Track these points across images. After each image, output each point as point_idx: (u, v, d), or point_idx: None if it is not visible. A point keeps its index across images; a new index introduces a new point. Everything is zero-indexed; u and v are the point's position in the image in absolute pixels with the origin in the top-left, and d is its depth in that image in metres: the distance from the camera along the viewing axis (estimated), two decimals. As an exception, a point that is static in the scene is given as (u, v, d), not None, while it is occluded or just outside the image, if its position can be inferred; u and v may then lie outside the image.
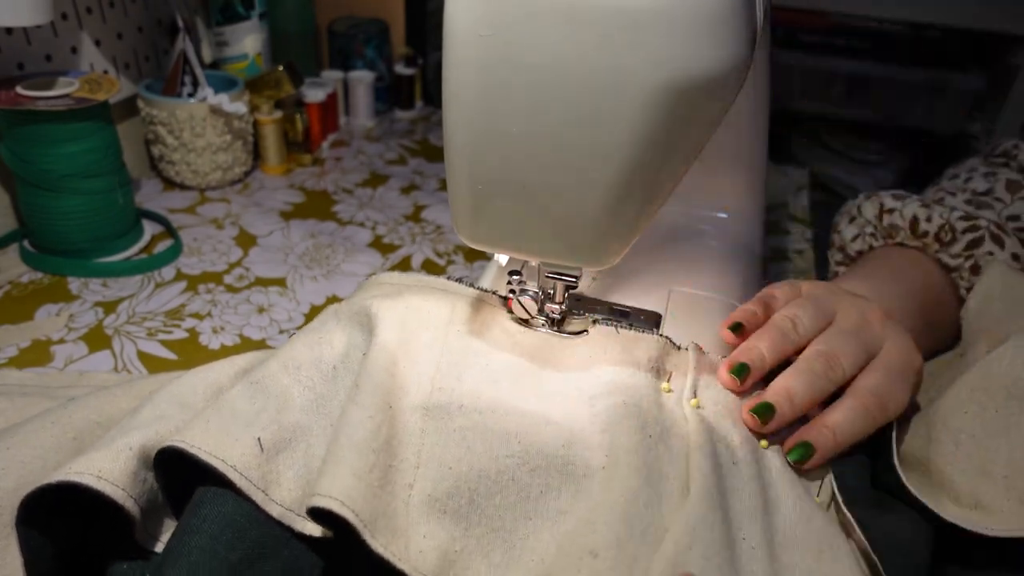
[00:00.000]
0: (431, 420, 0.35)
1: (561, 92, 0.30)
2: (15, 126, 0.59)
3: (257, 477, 0.33)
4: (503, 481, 0.33)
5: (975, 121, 1.49)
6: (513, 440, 0.34)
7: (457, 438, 0.34)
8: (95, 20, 0.73)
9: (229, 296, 0.62)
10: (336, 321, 0.41)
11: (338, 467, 0.31)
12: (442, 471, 0.33)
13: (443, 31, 0.30)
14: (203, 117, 0.74)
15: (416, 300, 0.41)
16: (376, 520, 0.30)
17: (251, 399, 0.36)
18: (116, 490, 0.32)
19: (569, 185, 0.33)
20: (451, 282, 0.43)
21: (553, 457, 0.34)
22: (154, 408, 0.37)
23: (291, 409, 0.36)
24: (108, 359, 0.54)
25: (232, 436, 0.34)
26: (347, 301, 0.43)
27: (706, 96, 0.30)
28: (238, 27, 0.86)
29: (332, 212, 0.78)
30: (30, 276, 0.63)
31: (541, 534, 0.33)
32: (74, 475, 0.31)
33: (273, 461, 0.34)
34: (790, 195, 0.88)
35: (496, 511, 0.33)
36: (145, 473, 0.34)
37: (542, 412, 0.36)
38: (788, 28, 1.47)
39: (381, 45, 1.01)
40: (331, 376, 0.38)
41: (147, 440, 0.34)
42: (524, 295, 0.41)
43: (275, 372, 0.38)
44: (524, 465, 0.34)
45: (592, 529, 0.31)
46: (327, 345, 0.39)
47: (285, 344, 0.40)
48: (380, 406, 0.34)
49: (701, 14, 0.27)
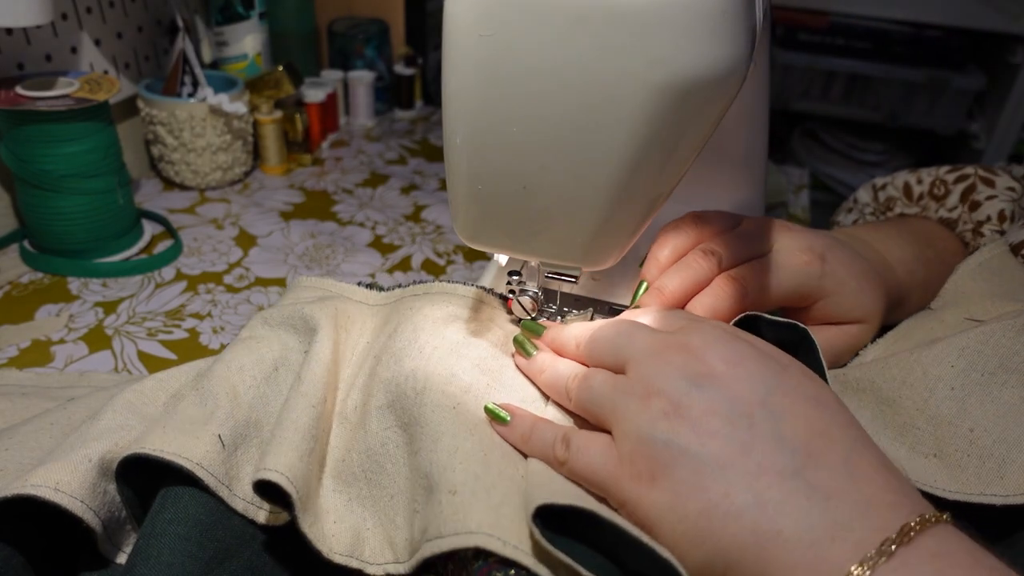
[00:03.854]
0: (343, 416, 0.38)
1: (561, 92, 0.30)
2: (15, 126, 0.59)
3: (222, 473, 0.34)
4: (388, 451, 0.36)
5: (975, 120, 1.49)
6: (390, 411, 0.37)
7: (357, 423, 0.37)
8: (95, 20, 0.73)
9: (229, 296, 0.62)
10: (269, 327, 0.43)
11: (282, 447, 0.33)
12: (344, 455, 0.36)
13: (443, 31, 0.30)
14: (203, 117, 0.74)
15: (343, 304, 0.44)
16: (307, 501, 0.33)
17: (202, 404, 0.37)
18: (75, 502, 0.32)
19: (569, 185, 0.33)
20: (359, 288, 0.47)
21: (412, 410, 0.36)
22: (113, 417, 0.37)
23: (241, 407, 0.38)
24: (108, 359, 0.54)
25: (192, 435, 0.34)
26: (276, 307, 0.44)
27: (706, 96, 0.30)
28: (238, 27, 0.86)
29: (332, 212, 0.78)
30: (30, 276, 0.63)
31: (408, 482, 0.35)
32: (30, 488, 0.31)
33: (233, 456, 0.35)
34: (790, 195, 0.88)
35: (390, 479, 0.35)
36: (105, 484, 0.34)
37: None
38: (788, 28, 1.47)
39: (381, 45, 1.01)
40: (272, 376, 0.40)
41: (106, 451, 0.34)
42: (523, 295, 0.41)
43: (221, 375, 0.39)
44: (398, 428, 0.36)
45: (452, 469, 0.32)
46: (266, 348, 0.41)
47: (225, 351, 0.41)
48: (320, 399, 0.36)
49: (701, 14, 0.27)
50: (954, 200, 0.51)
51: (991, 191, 0.51)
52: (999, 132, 1.41)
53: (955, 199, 0.51)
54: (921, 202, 0.52)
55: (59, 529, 0.34)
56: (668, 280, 0.39)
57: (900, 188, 0.53)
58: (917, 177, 0.53)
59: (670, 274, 0.39)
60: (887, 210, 0.54)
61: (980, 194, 0.51)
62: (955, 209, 0.51)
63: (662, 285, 0.39)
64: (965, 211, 0.51)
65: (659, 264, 0.41)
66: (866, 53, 1.46)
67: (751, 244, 0.41)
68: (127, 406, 0.38)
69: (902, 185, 0.54)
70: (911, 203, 0.53)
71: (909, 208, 0.53)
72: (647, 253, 0.43)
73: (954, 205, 0.51)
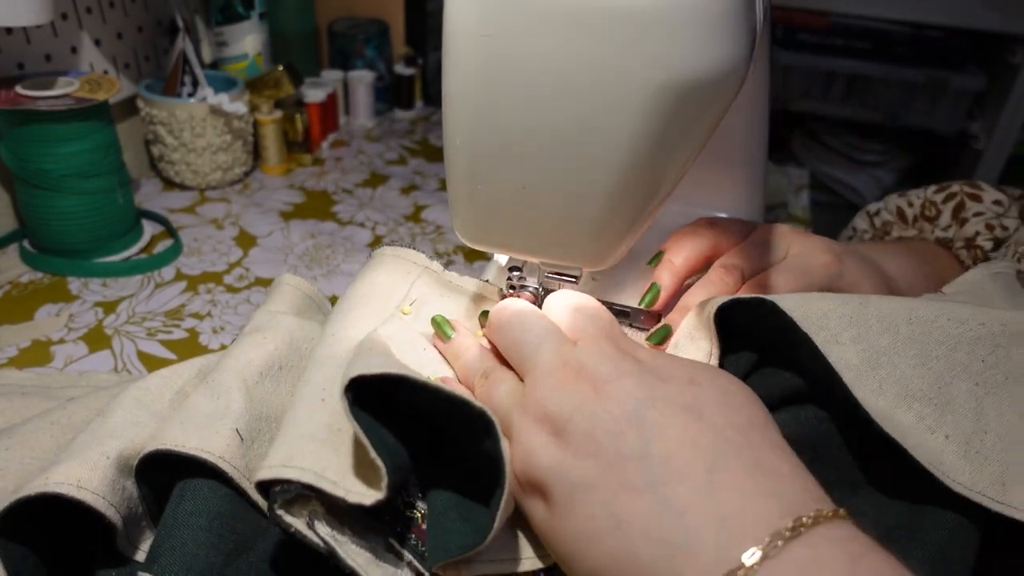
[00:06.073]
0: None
1: (561, 92, 0.30)
2: (15, 126, 0.59)
3: (243, 467, 0.34)
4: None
5: (975, 121, 1.49)
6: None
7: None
8: (95, 20, 0.73)
9: (229, 296, 0.62)
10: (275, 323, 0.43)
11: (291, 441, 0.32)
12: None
13: (443, 31, 0.30)
14: (203, 117, 0.74)
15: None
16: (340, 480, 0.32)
17: (214, 398, 0.37)
18: (97, 499, 0.32)
19: (569, 185, 0.33)
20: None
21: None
22: (124, 415, 0.37)
23: (254, 401, 0.38)
24: (108, 359, 0.54)
25: (211, 430, 0.34)
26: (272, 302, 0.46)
27: (706, 96, 0.30)
28: (238, 27, 0.86)
29: (332, 212, 0.78)
30: (30, 276, 0.63)
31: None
32: (53, 486, 0.31)
33: (250, 450, 0.35)
34: (790, 195, 0.88)
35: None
36: (123, 481, 0.34)
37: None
38: (788, 28, 1.47)
39: (381, 45, 1.01)
40: (278, 371, 0.40)
41: (123, 448, 0.34)
42: (524, 291, 0.41)
43: (230, 369, 0.39)
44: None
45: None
46: (271, 343, 0.41)
47: (231, 347, 0.41)
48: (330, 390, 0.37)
49: (701, 14, 0.27)
50: (946, 219, 0.52)
51: (978, 207, 0.51)
52: (999, 132, 1.41)
53: (947, 218, 0.52)
54: (916, 224, 0.53)
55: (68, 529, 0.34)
56: (691, 301, 0.40)
57: (894, 212, 0.54)
58: (908, 200, 0.54)
59: (696, 294, 0.40)
60: (885, 235, 0.55)
61: (968, 211, 0.51)
62: (949, 228, 0.52)
63: (687, 307, 0.40)
64: (957, 228, 0.51)
65: (674, 270, 0.42)
66: (866, 53, 1.45)
67: (768, 252, 0.42)
68: (135, 403, 0.38)
69: (895, 209, 0.54)
70: (907, 226, 0.54)
71: (906, 231, 0.54)
72: (657, 253, 0.44)
73: (947, 224, 0.52)
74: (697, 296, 0.40)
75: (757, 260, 0.41)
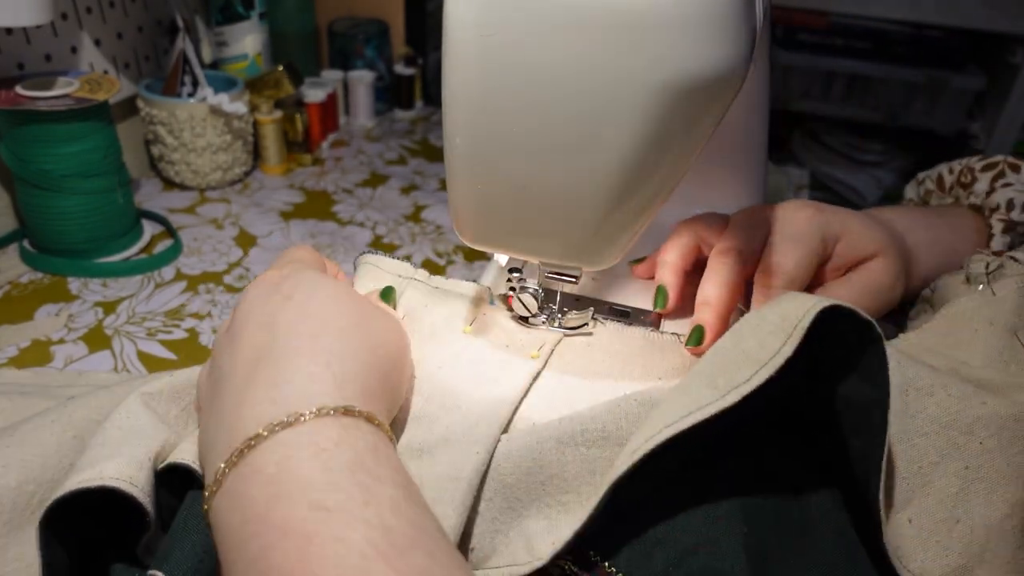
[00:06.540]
0: None
1: (561, 92, 0.30)
2: (15, 126, 0.59)
3: None
4: None
5: (975, 120, 1.49)
6: None
7: None
8: (95, 20, 0.73)
9: (229, 296, 0.62)
10: None
11: None
12: None
13: (443, 31, 0.30)
14: (203, 117, 0.74)
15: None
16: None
17: None
18: (144, 497, 0.32)
19: (569, 185, 0.33)
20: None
21: None
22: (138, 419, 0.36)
23: None
24: (108, 359, 0.54)
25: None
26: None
27: (706, 96, 0.30)
28: (238, 27, 0.86)
29: (332, 212, 0.78)
30: (30, 276, 0.63)
31: None
32: (111, 480, 0.31)
33: None
34: (790, 195, 0.88)
35: None
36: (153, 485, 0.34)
37: None
38: (788, 28, 1.47)
39: (381, 45, 1.01)
40: None
41: (152, 452, 0.34)
42: (524, 292, 0.41)
43: None
44: None
45: None
46: None
47: None
48: None
49: (701, 15, 0.27)
50: (983, 186, 0.51)
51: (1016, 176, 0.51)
52: (999, 132, 1.41)
53: (984, 184, 0.51)
54: (953, 192, 0.53)
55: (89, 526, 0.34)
56: (707, 291, 0.40)
57: (935, 180, 0.55)
58: (949, 168, 0.54)
59: (703, 286, 0.41)
60: (925, 203, 0.55)
61: (1007, 178, 0.51)
62: (981, 196, 0.51)
63: (706, 299, 0.40)
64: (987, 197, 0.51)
65: (672, 266, 0.43)
66: (866, 53, 1.45)
67: (754, 228, 0.42)
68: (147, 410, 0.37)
69: (936, 177, 0.55)
70: (944, 194, 0.54)
71: (944, 199, 0.54)
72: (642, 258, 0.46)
73: (981, 192, 0.51)
74: (709, 286, 0.40)
75: (748, 239, 0.42)
